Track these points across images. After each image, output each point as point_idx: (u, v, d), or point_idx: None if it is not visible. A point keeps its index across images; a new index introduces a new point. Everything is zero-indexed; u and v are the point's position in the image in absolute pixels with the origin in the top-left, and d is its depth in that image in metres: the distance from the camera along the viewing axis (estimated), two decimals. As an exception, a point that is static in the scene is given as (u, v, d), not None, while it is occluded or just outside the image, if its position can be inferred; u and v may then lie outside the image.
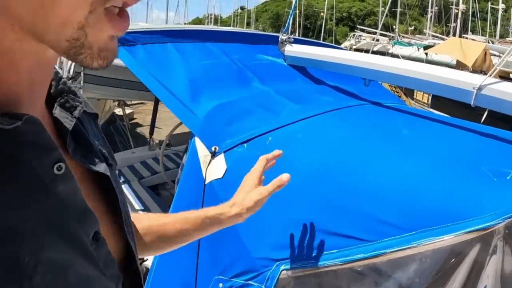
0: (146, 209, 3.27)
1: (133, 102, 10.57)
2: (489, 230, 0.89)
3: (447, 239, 0.89)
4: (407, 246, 0.91)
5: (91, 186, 0.56)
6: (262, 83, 2.02)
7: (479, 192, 1.01)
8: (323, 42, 3.26)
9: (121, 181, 3.75)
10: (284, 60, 2.50)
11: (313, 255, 1.01)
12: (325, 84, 2.36)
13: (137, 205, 3.31)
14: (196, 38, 2.22)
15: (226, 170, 1.29)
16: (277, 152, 1.02)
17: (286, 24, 2.63)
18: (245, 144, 1.38)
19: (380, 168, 1.18)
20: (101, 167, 0.57)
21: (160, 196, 3.79)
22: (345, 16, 62.82)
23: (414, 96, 13.11)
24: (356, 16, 60.82)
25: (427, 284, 0.94)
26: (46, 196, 0.43)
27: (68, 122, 0.52)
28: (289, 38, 2.53)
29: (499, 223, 0.88)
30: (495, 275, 0.96)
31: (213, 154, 1.34)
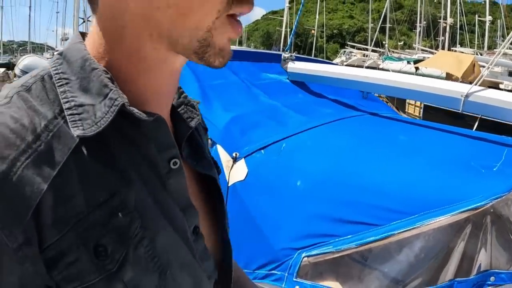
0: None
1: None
2: (479, 210, 1.06)
3: (445, 219, 1.07)
4: (411, 227, 1.08)
5: (196, 187, 0.61)
6: (269, 98, 2.21)
7: (470, 180, 1.19)
8: (323, 60, 3.47)
9: None
10: (287, 76, 2.70)
11: (331, 241, 1.18)
12: (325, 98, 2.55)
13: None
14: None
15: (247, 173, 1.46)
16: None
17: (288, 43, 2.85)
18: (262, 151, 1.56)
19: (381, 166, 1.37)
20: (211, 171, 0.63)
21: None
22: (335, 33, 63.92)
23: (406, 110, 13.37)
24: (347, 33, 61.93)
25: (431, 258, 1.11)
26: (161, 184, 0.50)
27: (186, 129, 0.59)
28: (291, 56, 2.74)
29: (487, 203, 1.05)
30: (487, 250, 1.13)
31: (235, 159, 1.51)
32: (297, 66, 2.66)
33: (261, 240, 1.33)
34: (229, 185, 1.48)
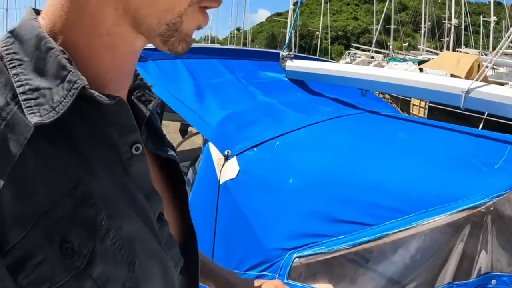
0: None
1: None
2: (479, 208, 1.00)
3: (443, 218, 1.01)
4: (407, 227, 1.03)
5: (157, 172, 0.60)
6: (266, 96, 2.16)
7: (469, 178, 1.13)
8: (322, 58, 3.42)
9: None
10: (285, 75, 2.65)
11: (323, 241, 1.12)
12: (324, 96, 2.50)
13: None
14: (202, 54, 2.37)
15: (239, 171, 1.40)
16: None
17: (286, 41, 2.80)
18: (255, 148, 1.51)
19: (379, 163, 1.31)
20: (171, 155, 0.61)
21: None
22: (340, 34, 63.81)
23: (410, 111, 13.30)
24: (351, 34, 61.81)
25: (428, 259, 1.05)
26: (123, 171, 0.48)
27: (144, 113, 0.57)
28: (289, 54, 2.69)
29: (488, 201, 1.00)
30: (488, 251, 1.07)
31: (226, 157, 1.46)
32: (295, 64, 2.61)
33: (252, 240, 1.28)
34: (220, 183, 1.43)
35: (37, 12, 0.49)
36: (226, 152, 1.49)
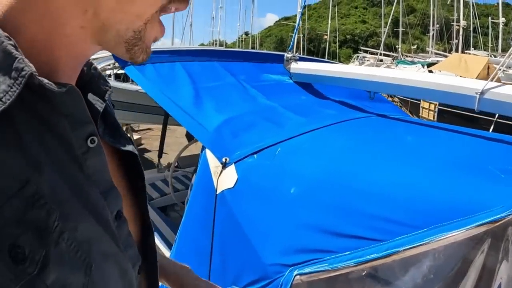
0: (155, 229, 3.26)
1: (140, 127, 10.64)
2: (500, 222, 0.89)
3: (459, 234, 0.90)
4: (419, 243, 0.92)
5: (115, 167, 0.57)
6: (267, 99, 2.06)
7: (488, 188, 1.02)
8: (327, 60, 3.31)
9: None
10: (290, 77, 2.54)
11: (326, 258, 1.02)
12: (330, 99, 2.39)
13: None
14: (203, 57, 2.28)
15: (237, 180, 1.30)
16: None
17: (291, 43, 2.69)
18: (255, 155, 1.41)
19: (387, 171, 1.20)
20: (129, 148, 0.58)
21: (169, 217, 3.79)
22: (348, 38, 63.49)
23: (420, 114, 13.12)
24: (359, 38, 61.47)
25: (442, 280, 0.94)
26: (77, 167, 0.44)
27: (99, 105, 0.54)
28: (294, 56, 2.58)
29: (509, 214, 0.88)
30: (509, 269, 0.96)
31: (224, 165, 1.36)
32: (300, 66, 2.51)
33: (250, 254, 1.18)
34: (217, 193, 1.33)
35: None
36: (223, 160, 1.39)
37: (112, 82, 5.28)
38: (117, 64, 2.97)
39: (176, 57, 2.18)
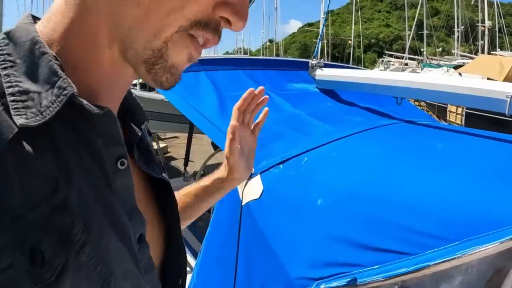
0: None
1: (167, 136, 10.77)
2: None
3: (493, 247, 0.84)
4: (451, 257, 0.87)
5: (145, 192, 0.58)
6: (293, 107, 2.03)
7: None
8: (352, 66, 3.26)
9: None
10: (316, 85, 2.51)
11: (354, 272, 0.98)
12: (356, 106, 2.34)
13: None
14: (227, 66, 2.28)
15: (263, 191, 1.28)
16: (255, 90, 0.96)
17: (315, 50, 2.67)
18: (281, 165, 1.38)
19: (417, 181, 1.15)
20: (163, 175, 0.60)
21: (195, 226, 3.79)
22: (373, 42, 62.76)
23: (447, 118, 12.83)
24: (384, 42, 60.63)
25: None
26: (106, 184, 0.45)
27: (136, 132, 0.56)
28: (319, 62, 2.55)
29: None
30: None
31: (250, 176, 1.34)
32: (325, 73, 2.47)
33: (276, 266, 1.15)
34: (242, 204, 1.31)
35: (35, 18, 0.48)
36: (249, 170, 1.37)
37: (138, 91, 5.37)
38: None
39: (200, 66, 2.18)
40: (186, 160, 4.79)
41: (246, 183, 1.34)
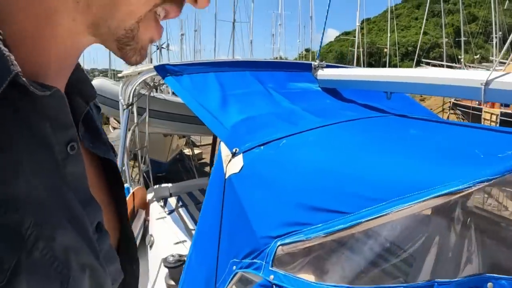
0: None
1: (202, 142, 11.04)
2: (456, 195, 0.93)
3: (415, 206, 0.95)
4: (379, 215, 0.98)
5: (95, 174, 0.54)
6: (291, 104, 2.16)
7: (458, 166, 1.05)
8: (353, 66, 3.34)
9: (179, 205, 4.03)
10: (318, 84, 2.63)
11: (304, 230, 1.11)
12: (354, 102, 2.44)
13: (192, 226, 3.52)
14: (234, 67, 2.44)
15: (242, 166, 1.43)
16: None
17: (318, 51, 2.79)
18: (262, 146, 1.52)
19: (371, 159, 1.26)
20: (109, 154, 0.55)
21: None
22: (410, 50, 61.25)
23: (483, 116, 12.48)
24: (421, 50, 59.08)
25: (402, 251, 0.99)
26: (56, 173, 0.41)
27: (82, 108, 0.51)
28: (321, 63, 2.68)
29: (465, 188, 0.91)
30: (476, 247, 0.99)
31: (234, 154, 1.50)
32: (326, 73, 2.59)
33: (248, 230, 1.29)
34: (226, 177, 1.46)
35: None
36: (234, 150, 1.52)
37: (170, 96, 5.64)
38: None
39: (210, 68, 2.37)
40: (212, 162, 4.98)
41: (230, 160, 1.49)
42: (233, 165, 1.46)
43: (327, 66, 2.67)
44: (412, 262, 0.99)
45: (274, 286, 1.10)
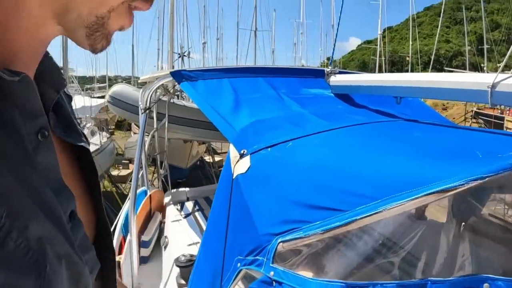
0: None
1: (223, 150, 11.16)
2: (449, 193, 0.93)
3: (408, 203, 0.96)
4: (373, 212, 1.00)
5: (67, 163, 0.52)
6: (301, 108, 2.19)
7: (454, 165, 1.05)
8: (366, 73, 3.34)
9: (195, 209, 4.08)
10: (330, 90, 2.64)
11: (302, 227, 1.13)
12: (365, 108, 2.45)
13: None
14: (248, 73, 2.49)
15: (249, 167, 1.47)
16: None
17: (331, 58, 2.81)
18: (269, 148, 1.56)
19: (372, 159, 1.27)
20: (82, 142, 0.54)
21: None
22: (434, 58, 60.34)
23: (505, 126, 12.17)
24: (443, 58, 58.03)
25: (397, 248, 1.00)
26: (27, 162, 0.40)
27: (52, 96, 0.50)
28: (334, 69, 2.70)
29: (459, 185, 0.91)
30: (471, 247, 0.99)
31: (241, 155, 1.54)
32: (339, 79, 2.61)
33: (252, 228, 1.32)
34: (233, 178, 1.50)
35: None
36: (242, 151, 1.56)
37: (189, 103, 5.73)
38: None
39: (224, 74, 2.42)
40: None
41: (238, 161, 1.53)
42: (240, 165, 1.50)
43: (340, 73, 2.69)
44: (408, 259, 0.99)
45: (274, 282, 1.13)
